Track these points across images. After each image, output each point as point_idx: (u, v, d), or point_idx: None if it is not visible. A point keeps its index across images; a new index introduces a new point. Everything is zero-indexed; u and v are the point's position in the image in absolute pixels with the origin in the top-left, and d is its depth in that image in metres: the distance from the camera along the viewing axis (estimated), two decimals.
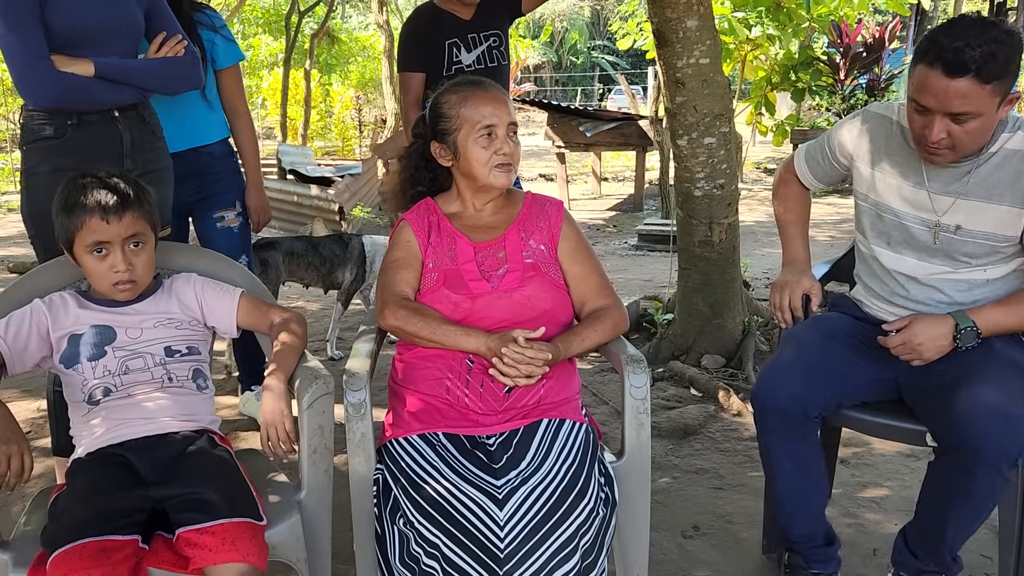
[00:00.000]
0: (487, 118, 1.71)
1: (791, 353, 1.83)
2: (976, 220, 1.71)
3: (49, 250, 1.97)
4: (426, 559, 1.42)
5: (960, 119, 1.58)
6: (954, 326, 1.69)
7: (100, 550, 1.30)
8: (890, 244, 1.84)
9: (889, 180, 1.81)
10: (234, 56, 2.66)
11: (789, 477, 1.83)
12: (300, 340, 1.71)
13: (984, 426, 1.54)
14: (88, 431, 1.59)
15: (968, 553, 2.09)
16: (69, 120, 1.98)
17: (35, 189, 2.00)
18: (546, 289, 1.74)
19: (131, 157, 2.07)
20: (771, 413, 1.77)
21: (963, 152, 1.65)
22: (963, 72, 1.52)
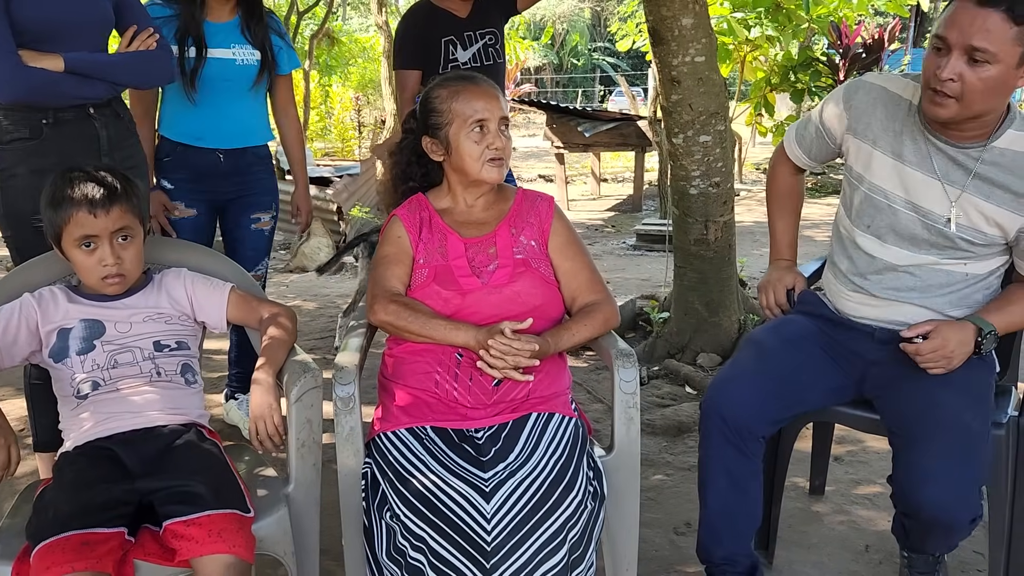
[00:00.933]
0: (479, 112, 1.70)
1: (747, 361, 1.81)
2: (970, 216, 1.67)
3: (23, 252, 1.98)
4: (412, 552, 1.42)
5: (977, 59, 1.48)
6: (977, 331, 1.64)
7: (84, 543, 1.30)
8: (870, 227, 1.77)
9: (888, 161, 1.73)
10: (294, 63, 2.71)
11: (721, 492, 1.78)
12: (289, 335, 1.72)
13: (939, 499, 1.53)
14: (76, 425, 1.59)
15: (961, 550, 2.09)
16: (44, 119, 1.97)
17: (12, 191, 1.98)
18: (536, 285, 1.74)
19: (108, 154, 2.07)
20: (716, 422, 1.74)
21: (969, 108, 1.55)
22: (994, 4, 1.45)
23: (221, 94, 2.50)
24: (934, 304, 1.74)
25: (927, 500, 1.54)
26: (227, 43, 2.48)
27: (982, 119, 1.60)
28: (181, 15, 2.41)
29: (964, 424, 1.59)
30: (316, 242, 6.42)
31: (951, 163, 1.66)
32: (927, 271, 1.73)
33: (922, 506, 1.55)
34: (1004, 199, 1.63)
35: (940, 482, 1.53)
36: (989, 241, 1.68)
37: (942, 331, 1.64)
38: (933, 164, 1.68)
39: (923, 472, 1.55)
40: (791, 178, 2.04)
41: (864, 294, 1.81)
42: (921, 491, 1.55)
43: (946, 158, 1.67)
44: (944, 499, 1.52)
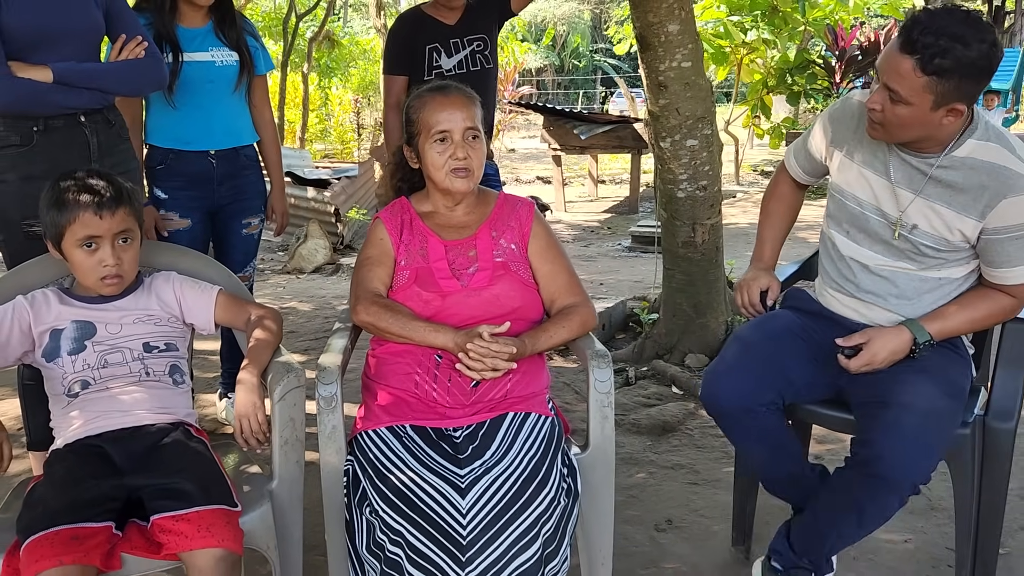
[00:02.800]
0: (441, 123, 1.75)
1: (732, 354, 1.87)
2: (932, 222, 1.72)
3: (15, 255, 2.02)
4: (391, 546, 1.47)
5: (893, 97, 1.59)
6: (912, 340, 1.72)
7: (72, 537, 1.35)
8: (848, 233, 1.85)
9: (857, 169, 1.81)
10: (268, 65, 2.75)
11: (767, 458, 1.89)
12: (274, 336, 1.77)
13: (900, 452, 1.58)
14: (67, 423, 1.64)
15: (934, 546, 2.15)
16: (35, 126, 2.00)
17: (2, 197, 2.02)
18: (515, 287, 1.79)
19: (99, 161, 2.10)
20: (717, 412, 1.82)
21: (893, 134, 1.66)
22: (910, 52, 1.54)
23: (205, 96, 2.54)
24: (913, 309, 1.80)
25: (891, 451, 1.58)
26: (204, 47, 2.52)
27: (931, 139, 1.67)
28: (153, 23, 2.45)
29: (938, 400, 1.66)
30: (313, 244, 6.47)
31: (910, 170, 1.73)
32: (903, 277, 1.80)
33: (884, 456, 1.59)
34: (964, 204, 1.68)
35: (908, 439, 1.59)
36: (954, 247, 1.73)
37: (872, 346, 1.73)
38: (890, 170, 1.75)
39: (894, 426, 1.61)
40: (788, 191, 2.10)
41: (847, 295, 1.88)
42: (888, 441, 1.60)
43: (905, 165, 1.74)
44: (907, 453, 1.58)
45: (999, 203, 1.64)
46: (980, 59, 1.55)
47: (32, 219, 1.93)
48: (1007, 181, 1.63)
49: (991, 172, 1.65)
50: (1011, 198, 1.63)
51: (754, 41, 9.48)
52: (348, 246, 7.14)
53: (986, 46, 1.55)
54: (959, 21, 1.55)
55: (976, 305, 1.77)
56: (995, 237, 1.68)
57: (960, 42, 1.53)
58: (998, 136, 1.68)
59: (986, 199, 1.65)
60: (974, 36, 1.54)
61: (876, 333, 1.76)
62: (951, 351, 1.79)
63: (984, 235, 1.69)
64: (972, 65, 1.54)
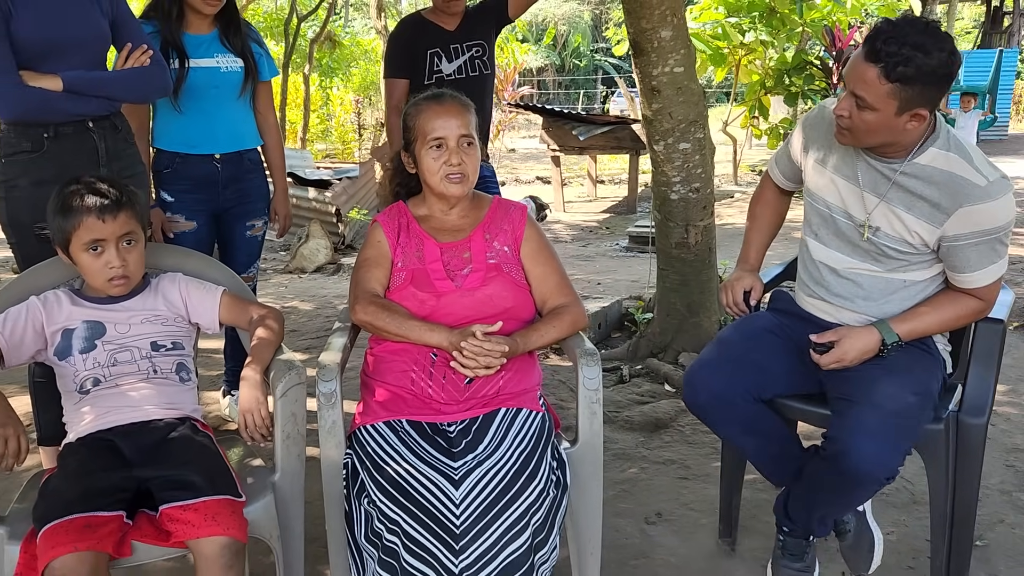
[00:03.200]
0: (436, 131, 1.83)
1: (708, 353, 1.95)
2: (893, 225, 1.80)
3: (28, 257, 2.10)
4: (388, 535, 1.54)
5: (860, 103, 1.67)
6: (880, 340, 1.80)
7: (86, 525, 1.43)
8: (818, 235, 1.94)
9: (827, 174, 1.90)
10: (273, 71, 2.83)
11: (758, 448, 1.97)
12: (276, 335, 1.84)
13: (863, 450, 1.66)
14: (79, 418, 1.72)
15: (914, 538, 2.22)
16: (45, 133, 2.08)
17: (15, 201, 2.10)
18: (507, 288, 1.86)
19: (107, 165, 2.18)
20: (704, 410, 1.90)
21: (860, 139, 1.74)
22: (874, 60, 1.63)
23: (211, 101, 2.61)
24: (879, 310, 1.87)
25: (856, 448, 1.66)
26: (210, 53, 2.60)
27: (895, 144, 1.75)
28: (160, 30, 2.53)
29: (904, 399, 1.73)
30: (315, 244, 6.55)
31: (876, 175, 1.81)
32: (868, 279, 1.88)
33: (850, 453, 1.67)
34: (923, 211, 1.76)
35: (872, 436, 1.66)
36: (915, 250, 1.81)
37: (844, 344, 1.81)
38: (858, 175, 1.84)
39: (860, 424, 1.68)
40: (773, 196, 2.18)
41: (818, 299, 1.97)
42: (854, 438, 1.67)
43: (872, 170, 1.82)
44: (871, 451, 1.65)
45: (956, 211, 1.72)
46: (940, 67, 1.63)
47: (43, 222, 2.01)
48: (963, 191, 1.71)
49: (949, 181, 1.73)
50: (967, 207, 1.71)
51: (752, 42, 9.55)
52: (349, 246, 7.21)
53: (945, 54, 1.63)
54: (920, 31, 1.63)
55: (944, 307, 1.84)
56: (955, 244, 1.75)
57: (921, 51, 1.61)
58: (958, 146, 1.75)
59: (943, 207, 1.73)
60: (934, 45, 1.62)
61: (847, 332, 1.84)
62: (923, 351, 1.86)
63: (944, 242, 1.77)
64: (933, 72, 1.63)
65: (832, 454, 1.72)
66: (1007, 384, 3.33)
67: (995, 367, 1.89)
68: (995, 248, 1.76)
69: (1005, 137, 15.08)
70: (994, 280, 1.80)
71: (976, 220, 1.72)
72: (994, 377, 1.89)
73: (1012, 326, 4.13)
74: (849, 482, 1.73)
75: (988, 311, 1.86)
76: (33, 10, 2.03)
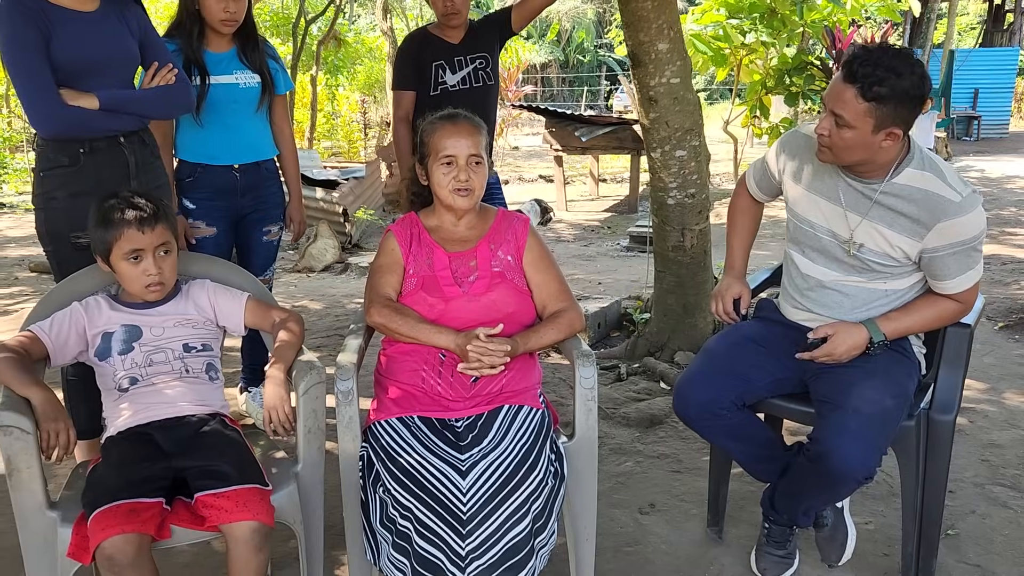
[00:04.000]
0: (447, 149, 1.98)
1: (696, 366, 2.10)
2: (876, 242, 1.95)
3: (63, 264, 2.26)
4: (401, 521, 1.70)
5: (839, 123, 1.82)
6: (868, 338, 1.95)
7: (131, 510, 1.59)
8: (805, 252, 2.09)
9: (810, 196, 2.06)
10: (288, 85, 2.98)
11: (743, 451, 2.13)
12: (297, 337, 2.00)
13: (844, 452, 1.81)
14: (118, 414, 1.87)
15: (891, 527, 2.37)
16: (81, 148, 2.23)
17: (53, 212, 2.26)
18: (510, 294, 2.02)
19: (136, 177, 2.34)
20: (693, 420, 2.06)
21: (839, 156, 1.88)
22: (852, 81, 1.78)
23: (230, 115, 2.78)
24: (863, 316, 2.02)
25: (838, 450, 1.81)
26: (229, 70, 2.76)
27: (870, 163, 1.89)
28: (182, 49, 2.68)
29: (882, 403, 1.87)
30: (323, 244, 6.70)
31: (857, 195, 1.97)
32: (852, 289, 2.03)
33: (832, 454, 1.82)
34: (904, 226, 1.91)
35: (853, 439, 1.81)
36: (898, 263, 1.96)
37: (835, 339, 1.96)
38: (840, 196, 1.99)
39: (841, 428, 1.83)
40: (749, 204, 2.33)
41: (803, 310, 2.12)
42: (835, 440, 1.82)
43: (853, 191, 1.97)
44: (852, 453, 1.80)
45: (935, 225, 1.87)
46: (912, 88, 1.79)
47: (79, 232, 2.17)
48: (940, 207, 1.86)
49: (926, 199, 1.88)
50: (945, 221, 1.86)
51: (753, 43, 9.67)
52: (356, 245, 7.36)
53: (916, 77, 1.79)
54: (892, 56, 1.79)
55: (926, 310, 2.00)
56: (935, 255, 1.91)
57: (894, 72, 1.77)
58: (932, 165, 1.91)
59: (922, 222, 1.89)
60: (906, 68, 1.78)
61: (839, 327, 1.98)
62: (901, 355, 2.01)
63: (925, 254, 1.92)
64: (905, 92, 1.79)
65: (816, 455, 1.87)
66: (988, 382, 3.48)
67: (963, 368, 2.04)
68: (971, 256, 1.91)
69: (1006, 136, 15.17)
70: (972, 284, 1.96)
71: (954, 232, 1.87)
72: (962, 377, 2.03)
73: (997, 326, 4.28)
74: (831, 480, 1.88)
75: (967, 312, 2.01)
76: (71, 32, 2.18)
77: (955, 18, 14.32)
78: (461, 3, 3.15)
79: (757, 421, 2.13)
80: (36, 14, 2.13)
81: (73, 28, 2.19)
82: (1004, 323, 4.30)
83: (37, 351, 1.84)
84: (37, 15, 2.13)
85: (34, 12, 2.13)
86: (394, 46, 10.26)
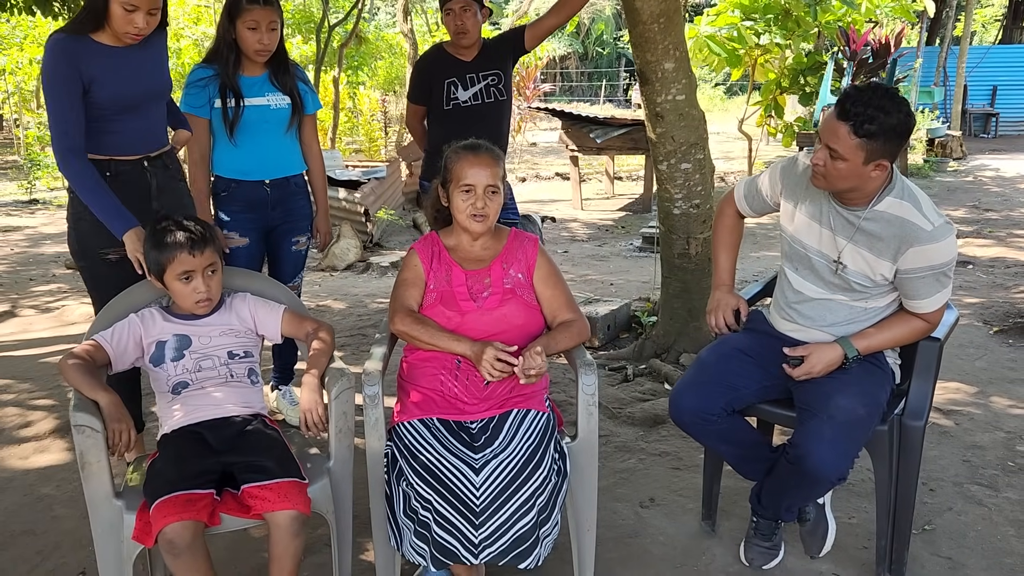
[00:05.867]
0: (467, 178, 2.19)
1: (689, 376, 2.31)
2: (858, 263, 2.15)
3: (95, 278, 2.48)
4: (422, 512, 1.92)
5: (833, 154, 2.01)
6: (843, 355, 2.15)
7: (187, 500, 1.82)
8: (797, 270, 2.29)
9: (804, 219, 2.26)
10: (316, 105, 3.20)
11: (730, 453, 2.34)
12: (329, 346, 2.22)
13: (819, 456, 2.01)
14: (170, 414, 2.11)
15: (871, 523, 2.54)
16: (107, 171, 2.41)
17: (82, 232, 2.46)
18: (520, 309, 2.23)
19: (157, 199, 2.54)
20: (686, 425, 2.27)
21: (832, 184, 2.07)
22: (844, 119, 1.98)
23: (262, 135, 3.00)
24: (843, 331, 2.23)
25: (814, 453, 2.02)
26: (262, 92, 2.98)
27: (859, 191, 2.08)
28: (220, 74, 2.91)
29: (855, 411, 2.07)
30: (345, 243, 6.94)
31: (843, 221, 2.16)
32: (835, 306, 2.24)
33: (808, 457, 2.02)
34: (882, 250, 2.10)
35: (827, 444, 2.01)
36: (877, 283, 2.16)
37: (812, 359, 2.16)
38: (830, 221, 2.18)
39: (817, 434, 2.04)
40: (735, 222, 2.53)
41: (791, 322, 2.32)
42: (812, 445, 2.03)
43: (840, 217, 2.17)
44: (826, 456, 2.01)
45: (908, 250, 2.07)
46: (899, 125, 1.98)
47: (107, 248, 2.41)
48: (913, 233, 2.05)
49: (901, 225, 2.07)
50: (916, 247, 2.05)
51: (768, 44, 9.79)
52: (377, 244, 7.60)
53: (902, 115, 1.99)
54: (882, 96, 1.99)
55: (897, 327, 2.19)
56: (907, 277, 2.10)
57: (883, 111, 1.96)
58: (910, 195, 2.10)
59: (896, 246, 2.08)
60: (894, 107, 1.97)
61: (816, 348, 2.19)
62: (875, 367, 2.21)
63: (899, 275, 2.12)
64: (893, 129, 1.98)
65: (794, 457, 2.08)
66: (977, 386, 3.66)
67: (933, 378, 2.23)
68: (940, 280, 2.10)
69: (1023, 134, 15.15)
70: (939, 306, 2.15)
71: (925, 257, 2.06)
72: (932, 386, 2.23)
73: (992, 330, 4.44)
74: (808, 480, 2.10)
75: (933, 330, 2.21)
76: (112, 69, 2.35)
77: (972, 15, 14.31)
78: (471, 24, 3.39)
79: (746, 425, 2.33)
80: (77, 56, 2.27)
81: (113, 65, 2.34)
82: (999, 327, 4.44)
83: (101, 358, 2.08)
84: (78, 57, 2.28)
85: (76, 54, 2.28)
86: (414, 47, 10.49)
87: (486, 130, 3.04)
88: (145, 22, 2.29)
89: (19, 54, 13.63)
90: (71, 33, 2.32)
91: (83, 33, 2.32)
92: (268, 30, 2.86)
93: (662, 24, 3.49)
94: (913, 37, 14.41)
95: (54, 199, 10.83)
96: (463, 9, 3.34)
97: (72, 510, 2.69)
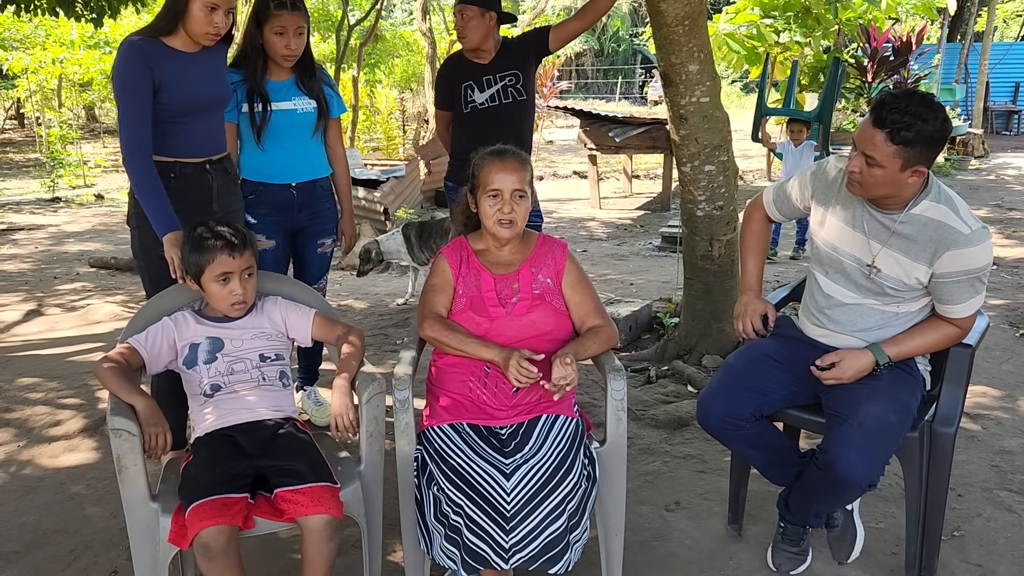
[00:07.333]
0: (494, 183, 2.20)
1: (717, 381, 2.30)
2: (892, 267, 2.14)
3: (155, 277, 2.53)
4: (453, 516, 1.94)
5: (869, 161, 2.01)
6: (874, 361, 2.15)
7: (223, 504, 1.84)
8: (828, 274, 2.28)
9: (837, 223, 2.24)
10: (341, 108, 3.22)
11: (760, 458, 2.34)
12: (359, 350, 2.24)
13: (849, 462, 2.00)
14: (203, 417, 2.13)
15: (900, 528, 2.55)
16: (172, 173, 2.50)
17: (145, 230, 2.50)
18: (548, 315, 2.24)
19: (217, 200, 2.60)
20: (714, 430, 2.26)
21: (869, 191, 2.06)
22: (881, 126, 1.97)
23: (288, 139, 3.03)
24: (874, 336, 2.22)
25: (844, 459, 2.01)
26: (288, 97, 3.01)
27: (895, 197, 2.08)
28: (247, 79, 2.94)
29: (886, 418, 2.06)
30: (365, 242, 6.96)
31: (878, 225, 2.15)
32: (867, 311, 2.23)
33: (838, 463, 2.02)
34: (918, 254, 2.09)
35: (857, 451, 2.01)
36: (910, 287, 2.15)
37: (843, 365, 2.15)
38: (864, 225, 2.17)
39: (847, 440, 2.03)
40: (763, 227, 2.53)
41: (821, 327, 2.31)
42: (842, 451, 2.02)
43: (875, 221, 2.15)
44: (856, 463, 2.00)
45: (944, 254, 2.06)
46: (936, 132, 1.97)
47: None
48: (950, 236, 2.04)
49: (938, 228, 2.06)
50: (953, 251, 2.04)
51: (787, 42, 9.75)
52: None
53: (939, 121, 1.98)
54: (918, 103, 1.98)
55: (928, 333, 2.18)
56: (942, 281, 2.09)
57: (920, 119, 1.95)
58: (947, 199, 2.09)
59: (933, 249, 2.07)
60: (930, 114, 1.96)
61: (846, 354, 2.18)
62: (906, 373, 2.20)
63: (934, 279, 2.11)
64: (930, 137, 1.97)
65: (824, 463, 2.07)
66: (1004, 389, 3.63)
67: (964, 385, 2.22)
68: (974, 285, 2.09)
69: None
70: (972, 312, 2.14)
71: (961, 261, 2.05)
72: (963, 393, 2.22)
73: (1018, 332, 4.40)
74: (837, 486, 2.09)
75: (965, 337, 2.20)
76: (180, 73, 2.45)
77: (994, 11, 14.15)
78: (471, 30, 3.47)
79: (774, 431, 2.33)
80: (151, 58, 2.39)
81: (183, 69, 2.45)
82: None
83: (135, 361, 2.11)
84: (152, 59, 2.39)
85: (150, 56, 2.39)
86: (433, 46, 10.52)
87: (505, 131, 3.07)
88: (224, 22, 2.41)
89: (42, 53, 13.78)
90: (146, 36, 2.43)
91: (157, 37, 2.43)
92: (295, 35, 2.88)
93: (687, 26, 3.48)
94: (934, 34, 14.28)
95: (76, 197, 10.94)
96: (460, 14, 3.45)
97: (103, 509, 2.73)
